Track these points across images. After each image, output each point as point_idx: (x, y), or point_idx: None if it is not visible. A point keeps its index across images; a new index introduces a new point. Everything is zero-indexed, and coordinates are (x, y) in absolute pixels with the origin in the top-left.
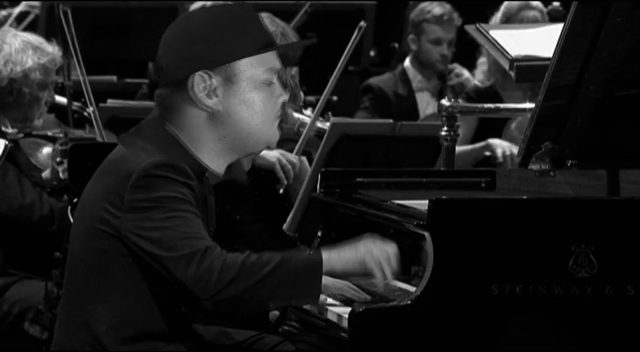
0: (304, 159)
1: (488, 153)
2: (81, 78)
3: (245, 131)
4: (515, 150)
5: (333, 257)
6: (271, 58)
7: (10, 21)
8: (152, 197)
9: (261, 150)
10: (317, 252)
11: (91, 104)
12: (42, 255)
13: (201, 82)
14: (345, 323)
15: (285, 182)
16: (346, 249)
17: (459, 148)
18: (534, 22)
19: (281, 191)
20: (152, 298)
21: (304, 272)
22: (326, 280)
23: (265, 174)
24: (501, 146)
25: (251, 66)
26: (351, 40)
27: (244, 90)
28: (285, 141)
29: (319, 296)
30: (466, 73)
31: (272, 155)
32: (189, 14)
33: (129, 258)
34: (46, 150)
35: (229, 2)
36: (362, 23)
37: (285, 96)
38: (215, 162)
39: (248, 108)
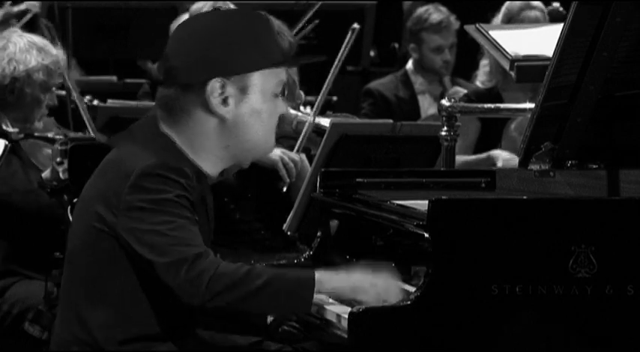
0: (304, 156)
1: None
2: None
3: (251, 141)
4: (516, 161)
5: (325, 278)
6: (282, 71)
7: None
8: (149, 199)
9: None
10: (310, 270)
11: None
12: (42, 255)
13: (217, 89)
14: (344, 323)
15: (288, 180)
16: (341, 272)
17: (459, 158)
18: (536, 22)
19: (284, 189)
20: (150, 299)
21: (297, 287)
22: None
23: (265, 175)
24: (502, 157)
25: (264, 78)
26: (345, 43)
27: (256, 102)
28: (284, 139)
29: (309, 310)
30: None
31: (274, 153)
32: (202, 16)
33: (126, 259)
34: (47, 150)
35: (242, 9)
36: (355, 25)
37: (283, 108)
38: (213, 167)
39: (257, 119)
